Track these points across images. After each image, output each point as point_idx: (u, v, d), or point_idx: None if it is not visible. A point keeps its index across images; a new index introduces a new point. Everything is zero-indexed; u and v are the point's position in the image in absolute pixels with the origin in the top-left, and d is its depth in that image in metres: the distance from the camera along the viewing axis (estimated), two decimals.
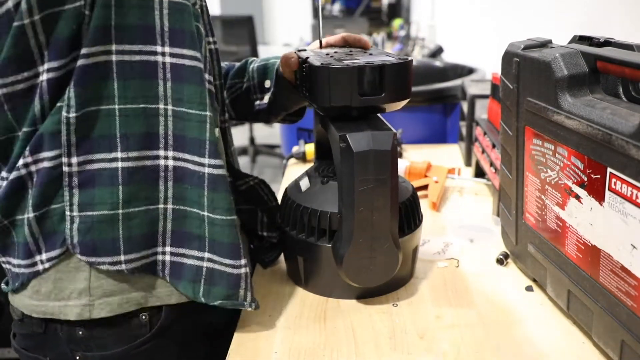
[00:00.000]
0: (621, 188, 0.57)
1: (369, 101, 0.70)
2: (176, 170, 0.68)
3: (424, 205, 1.04)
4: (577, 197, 0.66)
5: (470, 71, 1.84)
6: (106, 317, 0.69)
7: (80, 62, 0.62)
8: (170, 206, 0.69)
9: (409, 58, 0.73)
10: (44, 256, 0.68)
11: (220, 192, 0.68)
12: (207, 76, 0.69)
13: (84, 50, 0.62)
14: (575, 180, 0.66)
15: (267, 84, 0.91)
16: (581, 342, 0.69)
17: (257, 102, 0.93)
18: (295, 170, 1.30)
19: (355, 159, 0.67)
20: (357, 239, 0.70)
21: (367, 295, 0.79)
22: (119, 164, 0.66)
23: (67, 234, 0.67)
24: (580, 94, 0.65)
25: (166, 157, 0.68)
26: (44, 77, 0.63)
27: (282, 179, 1.29)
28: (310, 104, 0.76)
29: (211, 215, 0.69)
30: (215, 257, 0.70)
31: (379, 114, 0.76)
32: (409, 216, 0.79)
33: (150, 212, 0.68)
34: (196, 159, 0.68)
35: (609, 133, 0.58)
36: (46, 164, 0.65)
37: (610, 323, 0.62)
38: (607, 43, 0.67)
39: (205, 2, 0.78)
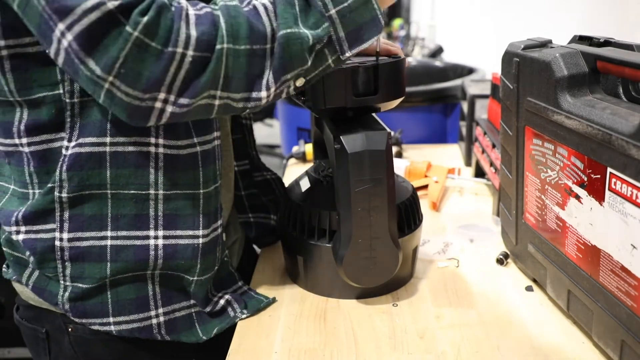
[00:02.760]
0: (621, 188, 0.57)
1: (363, 101, 0.70)
2: (166, 248, 0.70)
3: (424, 205, 1.04)
4: (577, 197, 0.66)
5: (470, 71, 1.84)
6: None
7: (75, 149, 0.65)
8: (158, 272, 0.71)
9: (402, 56, 0.73)
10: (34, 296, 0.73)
11: (211, 254, 0.72)
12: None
13: (80, 140, 0.65)
14: (575, 180, 0.66)
15: None
16: (581, 342, 0.69)
17: None
18: (295, 170, 1.30)
19: (349, 159, 0.67)
20: (356, 239, 0.70)
21: (367, 295, 0.79)
22: (108, 242, 0.68)
23: (59, 300, 0.70)
24: (580, 94, 0.65)
25: (156, 237, 0.69)
26: (25, 149, 0.66)
27: (282, 179, 1.29)
28: (304, 105, 0.76)
29: (201, 278, 0.72)
30: (198, 304, 0.74)
31: (373, 114, 0.76)
32: (409, 216, 0.79)
33: (138, 278, 0.70)
34: (190, 232, 0.70)
35: (609, 133, 0.58)
36: (42, 235, 0.68)
37: (610, 323, 0.62)
38: (607, 43, 0.67)
39: None
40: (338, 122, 0.73)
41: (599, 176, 0.61)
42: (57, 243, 0.67)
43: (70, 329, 0.73)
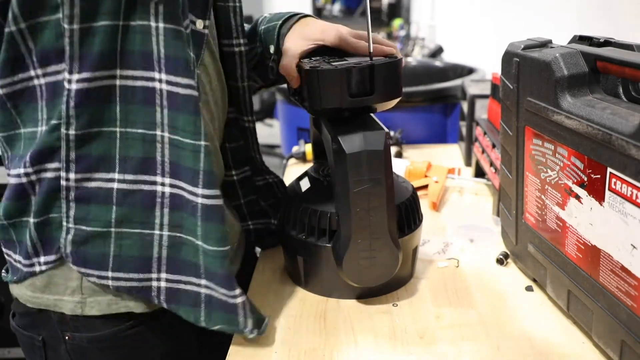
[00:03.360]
0: (621, 188, 0.57)
1: (359, 102, 0.70)
2: (173, 198, 0.68)
3: (424, 205, 1.04)
4: (577, 197, 0.66)
5: (470, 71, 1.84)
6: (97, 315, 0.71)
7: (80, 84, 0.63)
8: (165, 233, 0.69)
9: (399, 57, 0.73)
10: (42, 259, 0.70)
11: (213, 223, 0.68)
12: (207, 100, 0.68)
13: (85, 74, 0.63)
14: (575, 180, 0.66)
15: (272, 49, 0.87)
16: (581, 342, 0.69)
17: (272, 66, 0.89)
18: (295, 170, 1.30)
19: (348, 160, 0.67)
20: (356, 240, 0.70)
21: (367, 295, 0.79)
22: (115, 185, 0.67)
23: (61, 243, 0.68)
24: (580, 94, 0.65)
25: (163, 184, 0.68)
26: (40, 81, 0.64)
27: (283, 180, 1.29)
28: (302, 106, 0.76)
29: (204, 245, 0.68)
30: (212, 285, 0.69)
31: (372, 114, 0.76)
32: (409, 216, 0.79)
33: (144, 237, 0.68)
34: (190, 188, 0.67)
35: (609, 133, 0.58)
36: (48, 175, 0.67)
37: (610, 323, 0.62)
38: (607, 43, 0.67)
39: (240, 2, 0.78)
40: (336, 123, 0.73)
41: (599, 176, 0.61)
42: (63, 183, 0.66)
43: (67, 337, 0.72)
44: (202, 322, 0.70)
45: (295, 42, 0.80)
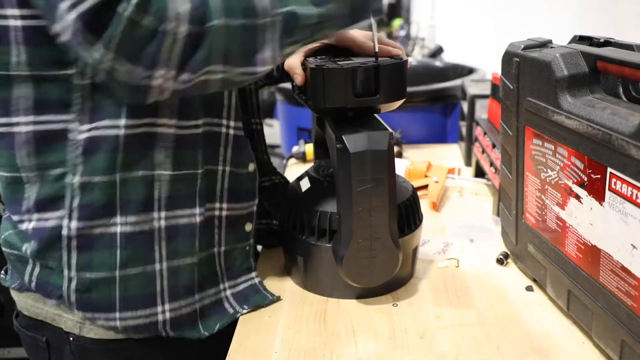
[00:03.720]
0: (621, 188, 0.57)
1: (363, 102, 0.70)
2: (168, 229, 0.70)
3: (424, 205, 1.04)
4: (577, 197, 0.66)
5: (470, 71, 1.84)
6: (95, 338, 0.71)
7: (91, 133, 0.64)
8: (165, 264, 0.70)
9: (404, 58, 0.73)
10: (38, 296, 0.71)
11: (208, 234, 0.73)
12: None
13: (95, 123, 0.64)
14: (575, 180, 0.66)
15: None
16: (581, 342, 0.69)
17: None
18: (295, 170, 1.30)
19: (351, 159, 0.67)
20: (357, 240, 0.70)
21: (367, 295, 0.79)
22: (118, 229, 0.67)
23: (64, 292, 0.68)
24: (580, 94, 0.65)
25: (159, 218, 0.69)
26: (28, 128, 0.65)
27: (288, 180, 1.29)
28: (306, 104, 0.76)
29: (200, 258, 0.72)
30: (203, 294, 0.74)
31: (375, 114, 0.76)
32: (409, 216, 0.79)
33: (147, 274, 0.69)
34: (187, 211, 0.71)
35: (609, 133, 0.58)
36: (49, 224, 0.67)
37: (610, 323, 0.62)
38: (607, 43, 0.67)
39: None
40: (340, 122, 0.73)
41: (599, 176, 0.61)
42: (65, 232, 0.66)
43: (71, 339, 0.72)
44: (204, 333, 0.73)
45: None
